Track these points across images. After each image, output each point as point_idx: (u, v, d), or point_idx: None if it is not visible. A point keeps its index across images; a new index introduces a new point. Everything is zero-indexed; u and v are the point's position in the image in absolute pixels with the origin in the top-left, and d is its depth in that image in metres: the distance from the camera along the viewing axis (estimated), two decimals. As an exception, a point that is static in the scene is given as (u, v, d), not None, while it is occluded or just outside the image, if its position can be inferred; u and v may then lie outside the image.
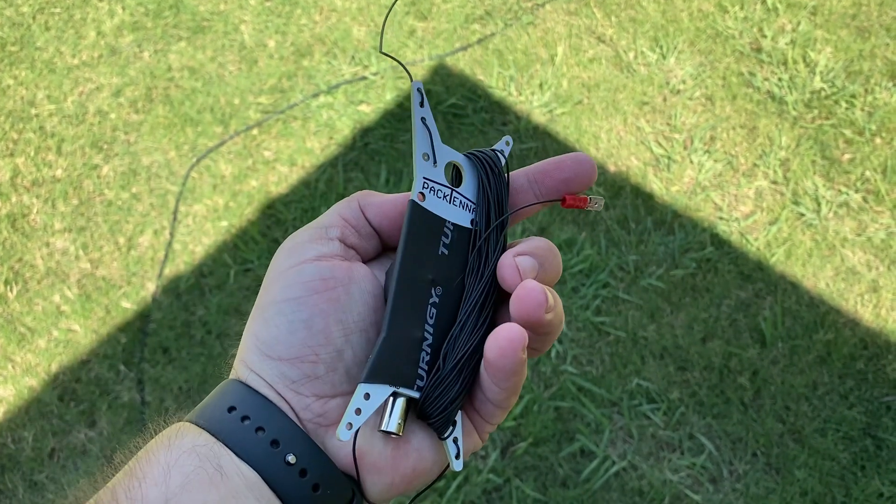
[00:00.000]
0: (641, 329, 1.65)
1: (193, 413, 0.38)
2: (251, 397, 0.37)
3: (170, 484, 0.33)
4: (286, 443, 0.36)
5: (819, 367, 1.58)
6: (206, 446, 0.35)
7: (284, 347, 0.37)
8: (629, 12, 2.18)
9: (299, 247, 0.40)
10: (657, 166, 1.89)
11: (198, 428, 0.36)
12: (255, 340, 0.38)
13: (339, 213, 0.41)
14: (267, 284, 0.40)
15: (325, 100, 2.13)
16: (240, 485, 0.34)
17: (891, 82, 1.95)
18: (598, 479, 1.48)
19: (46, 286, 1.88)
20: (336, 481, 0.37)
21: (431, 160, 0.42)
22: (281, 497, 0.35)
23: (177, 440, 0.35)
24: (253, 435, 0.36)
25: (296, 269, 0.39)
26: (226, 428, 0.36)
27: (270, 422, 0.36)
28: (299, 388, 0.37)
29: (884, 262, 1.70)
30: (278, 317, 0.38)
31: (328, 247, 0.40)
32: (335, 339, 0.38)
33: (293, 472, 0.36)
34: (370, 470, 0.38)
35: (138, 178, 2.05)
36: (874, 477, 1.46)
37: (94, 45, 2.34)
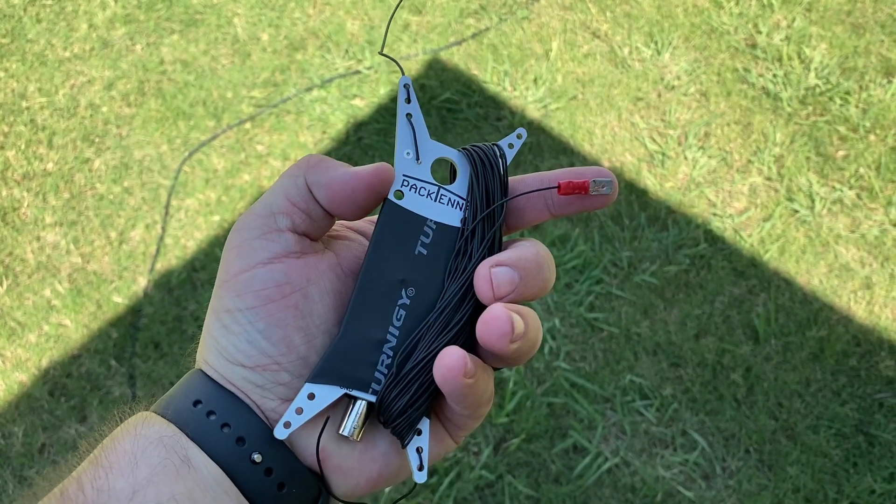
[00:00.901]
0: (635, 325, 1.65)
1: (159, 403, 0.37)
2: (216, 392, 0.36)
3: (137, 475, 0.33)
4: (252, 441, 0.35)
5: (812, 364, 1.58)
6: (173, 438, 0.34)
7: (244, 356, 0.36)
8: (624, 7, 2.18)
9: (248, 246, 0.37)
10: (651, 162, 1.89)
11: (163, 419, 0.36)
12: (216, 345, 0.37)
13: (287, 196, 0.38)
14: (219, 286, 0.37)
15: (319, 94, 2.12)
16: (207, 478, 0.34)
17: (885, 79, 1.95)
18: (590, 476, 1.48)
19: (37, 280, 1.87)
20: (302, 480, 0.37)
21: (413, 157, 0.41)
22: (246, 495, 0.35)
23: (143, 430, 0.35)
24: (218, 431, 0.35)
25: (247, 274, 0.36)
26: (191, 422, 0.35)
27: (236, 419, 0.36)
28: (264, 392, 0.37)
29: (877, 259, 1.70)
30: (235, 325, 0.36)
31: (280, 243, 0.37)
32: (297, 346, 0.37)
33: (258, 470, 0.35)
34: (335, 471, 0.38)
35: (130, 172, 2.03)
36: (866, 474, 1.47)
37: (86, 38, 2.32)
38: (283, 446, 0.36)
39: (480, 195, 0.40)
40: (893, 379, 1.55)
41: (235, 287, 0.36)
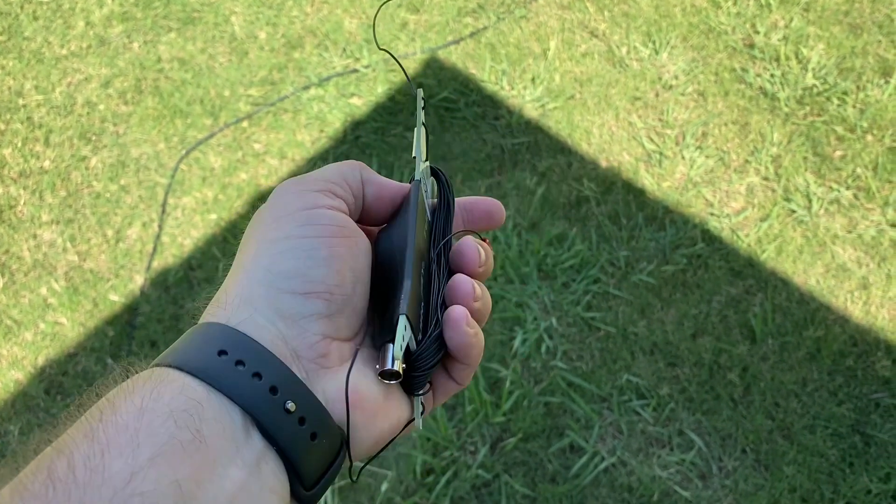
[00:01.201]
0: (632, 325, 1.65)
1: (172, 357, 0.35)
2: (244, 341, 0.35)
3: (138, 455, 0.30)
4: (284, 389, 0.34)
5: (809, 364, 1.59)
6: (185, 412, 0.32)
7: (301, 281, 0.37)
8: (622, 7, 2.18)
9: (309, 194, 0.40)
10: (649, 162, 1.89)
11: (181, 374, 0.33)
12: (267, 273, 0.37)
13: (344, 177, 0.42)
14: (275, 219, 0.39)
15: (316, 92, 2.12)
16: (219, 449, 0.32)
17: (882, 79, 1.95)
18: (587, 475, 1.48)
19: (33, 278, 1.86)
20: (331, 431, 0.36)
21: (423, 158, 0.47)
22: (280, 447, 0.34)
23: (153, 398, 0.32)
24: (250, 381, 0.34)
25: (311, 211, 0.39)
26: (220, 374, 0.34)
27: (267, 367, 0.35)
28: (308, 324, 0.37)
29: (874, 259, 1.70)
30: (296, 251, 0.37)
31: (338, 202, 0.40)
32: (347, 283, 0.38)
33: (293, 419, 0.34)
34: (367, 415, 0.38)
35: (127, 170, 2.03)
36: (862, 474, 1.47)
37: (83, 36, 2.32)
38: (313, 395, 0.36)
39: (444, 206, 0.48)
40: (890, 379, 1.56)
41: (298, 218, 0.38)
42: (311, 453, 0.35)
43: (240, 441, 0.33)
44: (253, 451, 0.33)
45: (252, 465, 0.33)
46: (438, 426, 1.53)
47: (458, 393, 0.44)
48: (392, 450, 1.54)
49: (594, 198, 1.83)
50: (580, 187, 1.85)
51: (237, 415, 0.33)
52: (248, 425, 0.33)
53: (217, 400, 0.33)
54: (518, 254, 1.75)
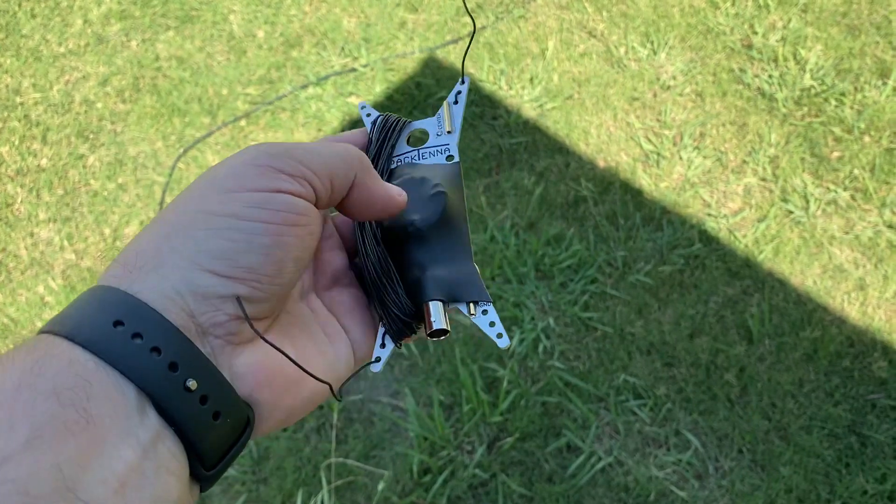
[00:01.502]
0: (629, 325, 1.65)
1: (62, 324, 0.31)
2: (143, 311, 0.32)
3: (12, 437, 0.27)
4: (185, 366, 0.32)
5: (805, 365, 1.59)
6: (71, 390, 0.29)
7: (228, 265, 0.33)
8: (620, 7, 2.18)
9: (276, 175, 0.35)
10: (647, 162, 1.89)
11: (70, 345, 0.30)
12: (192, 246, 0.33)
13: (330, 173, 0.38)
14: (221, 191, 0.35)
15: (315, 91, 2.12)
16: (109, 429, 0.29)
17: (880, 80, 1.95)
18: (584, 475, 1.48)
19: (30, 277, 1.86)
20: (236, 408, 0.34)
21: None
22: (180, 427, 0.32)
23: (34, 372, 0.29)
24: (147, 356, 0.31)
25: (269, 195, 0.35)
26: (113, 347, 0.31)
27: (166, 341, 0.32)
28: (222, 303, 0.34)
29: (871, 261, 1.70)
30: (234, 232, 0.34)
31: (304, 190, 0.36)
32: (286, 273, 0.36)
33: (194, 398, 0.32)
34: (277, 391, 0.36)
35: (125, 169, 2.03)
36: (859, 474, 1.47)
37: (81, 34, 2.31)
38: (217, 372, 0.33)
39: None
40: (886, 380, 1.56)
41: (251, 198, 0.34)
42: (212, 433, 0.33)
43: (133, 420, 0.30)
44: (148, 430, 0.30)
45: (147, 446, 0.30)
46: (435, 425, 1.54)
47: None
48: (389, 449, 1.54)
49: (592, 198, 1.84)
50: (578, 187, 1.86)
51: (131, 392, 0.30)
52: (143, 402, 0.31)
53: (109, 375, 0.30)
54: (516, 253, 1.75)
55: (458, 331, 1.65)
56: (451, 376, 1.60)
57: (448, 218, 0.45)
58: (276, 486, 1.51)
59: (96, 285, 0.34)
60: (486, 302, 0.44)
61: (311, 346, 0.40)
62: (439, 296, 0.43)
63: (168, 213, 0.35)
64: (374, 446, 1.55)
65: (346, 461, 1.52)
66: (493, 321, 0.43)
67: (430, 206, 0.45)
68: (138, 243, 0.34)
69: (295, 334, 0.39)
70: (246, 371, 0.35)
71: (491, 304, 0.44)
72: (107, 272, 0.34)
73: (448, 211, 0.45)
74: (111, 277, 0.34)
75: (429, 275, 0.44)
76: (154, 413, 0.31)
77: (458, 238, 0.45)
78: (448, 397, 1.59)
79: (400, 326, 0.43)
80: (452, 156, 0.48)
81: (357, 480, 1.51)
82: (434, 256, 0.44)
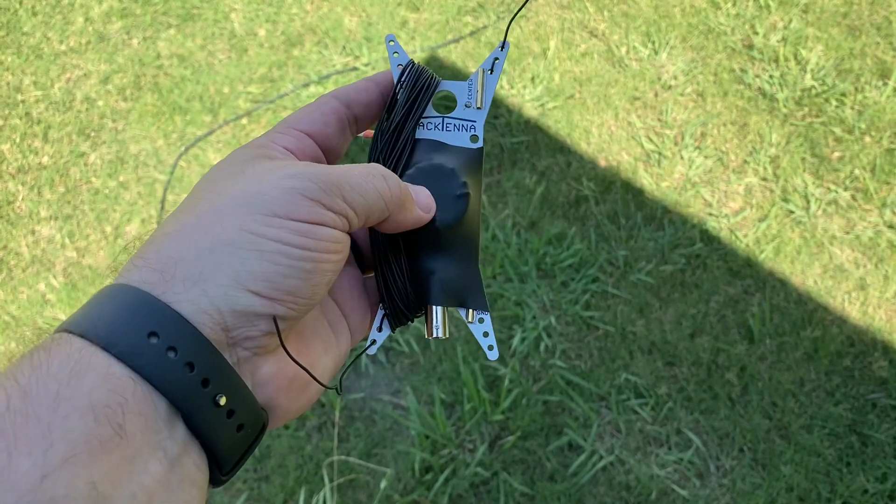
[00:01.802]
0: (630, 324, 1.66)
1: (94, 329, 0.31)
2: (177, 323, 0.32)
3: (50, 455, 0.27)
4: (217, 382, 0.33)
5: (806, 364, 1.59)
6: (108, 407, 0.29)
7: (271, 287, 0.34)
8: (622, 7, 2.18)
9: (321, 207, 0.36)
10: (648, 161, 1.89)
11: (105, 356, 0.30)
12: (235, 263, 0.34)
13: (368, 210, 0.39)
14: (267, 213, 0.35)
15: (316, 90, 2.12)
16: (140, 444, 0.29)
17: (881, 81, 1.96)
18: (585, 473, 1.49)
19: (31, 274, 1.86)
20: (257, 418, 0.35)
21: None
22: (207, 440, 0.32)
23: (70, 385, 0.29)
24: (181, 370, 0.31)
25: (314, 227, 0.36)
26: (149, 361, 0.31)
27: (200, 356, 0.32)
28: (256, 321, 0.34)
29: (871, 261, 1.71)
30: (280, 256, 0.34)
31: (343, 223, 0.38)
32: (319, 295, 0.37)
33: (222, 413, 0.33)
34: (292, 396, 0.38)
35: (126, 167, 2.03)
36: (859, 473, 1.47)
37: (82, 32, 2.31)
38: (244, 386, 0.34)
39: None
40: (887, 379, 1.56)
41: (296, 228, 0.35)
42: (235, 444, 0.34)
43: (163, 434, 0.31)
44: (176, 444, 0.31)
45: (174, 459, 0.31)
46: (437, 424, 1.54)
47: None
48: (390, 447, 1.54)
49: (593, 197, 1.84)
50: (579, 186, 1.86)
51: (163, 406, 0.31)
52: (172, 416, 0.31)
53: (143, 390, 0.30)
54: (517, 252, 1.75)
55: (460, 329, 1.66)
56: (453, 374, 1.60)
57: (466, 220, 0.45)
58: (277, 484, 1.51)
59: (126, 286, 0.33)
60: (483, 311, 0.45)
61: (319, 344, 0.42)
62: (444, 301, 0.44)
63: (206, 222, 0.35)
64: (376, 444, 1.55)
65: (347, 459, 1.52)
66: (486, 332, 0.45)
67: (453, 208, 0.45)
68: (175, 249, 0.34)
69: (307, 335, 0.41)
70: (268, 380, 0.37)
71: (488, 315, 0.45)
72: (136, 273, 0.34)
73: (468, 213, 0.45)
74: (144, 282, 0.33)
75: (437, 277, 0.44)
76: (183, 427, 0.32)
77: (470, 241, 0.46)
78: (449, 395, 1.59)
79: (399, 313, 0.44)
80: (477, 136, 0.47)
81: (359, 478, 1.51)
82: (445, 258, 0.45)
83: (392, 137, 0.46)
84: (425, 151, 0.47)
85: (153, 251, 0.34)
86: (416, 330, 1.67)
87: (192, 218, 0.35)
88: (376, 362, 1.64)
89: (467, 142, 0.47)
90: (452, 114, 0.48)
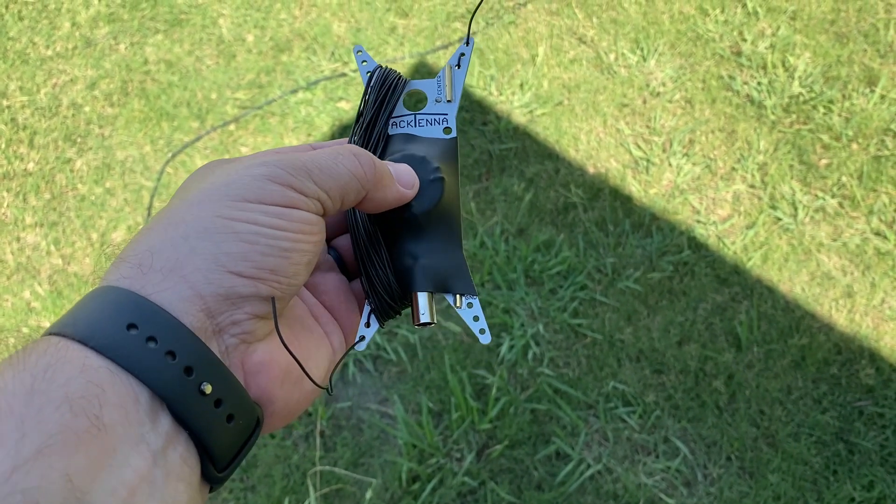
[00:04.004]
0: (618, 332, 1.65)
1: (74, 326, 0.31)
2: (157, 314, 0.32)
3: (22, 446, 0.26)
4: (200, 369, 0.32)
5: (793, 372, 1.59)
6: (84, 398, 0.28)
7: (251, 266, 0.34)
8: (610, 13, 2.18)
9: (294, 195, 0.37)
10: (636, 168, 1.89)
11: (82, 349, 0.30)
12: (213, 247, 0.33)
13: (343, 192, 0.38)
14: (238, 199, 0.35)
15: (304, 96, 2.11)
16: (120, 437, 0.29)
17: (868, 88, 1.96)
18: (573, 482, 1.48)
19: (16, 282, 1.85)
20: (249, 409, 0.34)
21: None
22: (194, 431, 0.32)
23: (46, 378, 0.28)
24: (162, 359, 0.31)
25: (285, 209, 0.36)
26: (128, 352, 0.30)
27: (181, 345, 0.32)
28: (243, 303, 0.34)
29: (858, 268, 1.71)
30: (256, 236, 0.34)
31: (317, 206, 0.38)
32: (301, 275, 0.37)
33: (208, 402, 0.32)
34: (288, 387, 0.37)
35: (112, 173, 2.01)
36: (846, 481, 1.47)
37: (69, 37, 2.30)
38: (230, 375, 0.33)
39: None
40: (873, 387, 1.57)
41: (267, 211, 0.35)
42: (226, 435, 0.33)
43: (145, 426, 0.30)
44: (160, 436, 0.30)
45: (157, 452, 0.30)
46: (424, 433, 1.53)
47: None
48: (377, 457, 1.53)
49: (581, 204, 1.84)
50: (567, 193, 1.86)
51: (144, 397, 0.30)
52: (155, 407, 0.31)
53: (122, 380, 0.30)
54: (505, 260, 1.75)
55: (448, 337, 1.65)
56: (441, 383, 1.60)
57: (444, 205, 0.45)
58: (263, 494, 1.50)
59: (106, 286, 0.33)
60: (471, 295, 0.44)
61: (310, 341, 0.41)
62: (428, 287, 0.44)
63: (178, 214, 0.35)
64: (363, 454, 1.54)
65: (333, 469, 1.52)
66: (476, 315, 0.44)
67: (428, 193, 0.45)
68: (150, 243, 0.34)
69: (297, 329, 0.40)
70: (260, 369, 0.36)
71: (476, 298, 0.45)
72: (116, 272, 0.34)
73: (444, 197, 0.45)
74: (123, 279, 0.33)
75: (419, 263, 0.44)
76: (167, 418, 0.31)
77: (450, 226, 0.45)
78: (437, 404, 1.58)
79: (385, 306, 0.44)
80: (450, 128, 0.48)
81: (345, 489, 1.50)
82: (426, 244, 0.45)
83: (364, 134, 0.47)
84: (398, 144, 0.48)
85: (130, 249, 0.34)
86: (404, 338, 1.67)
87: (164, 214, 0.36)
88: (364, 371, 1.64)
89: (440, 133, 0.48)
90: (424, 110, 0.48)
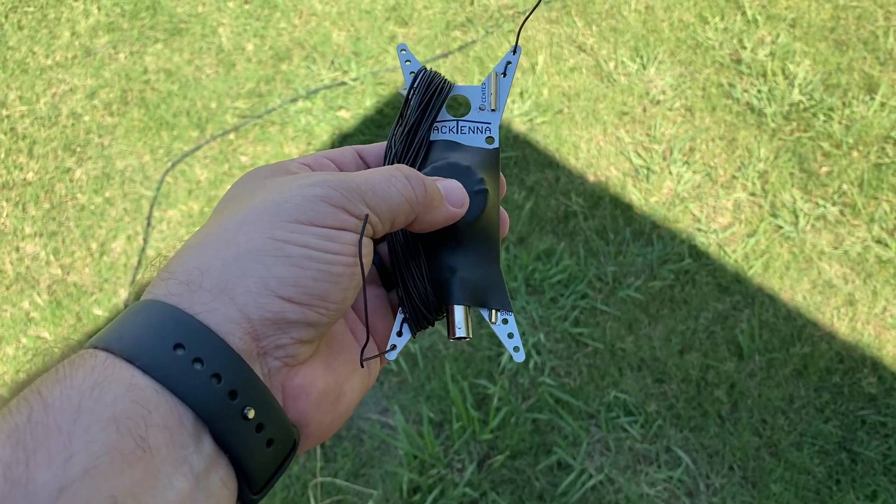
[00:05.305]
0: (619, 341, 1.65)
1: (119, 342, 0.31)
2: (204, 335, 0.31)
3: (69, 466, 0.26)
4: (245, 393, 0.32)
5: (796, 381, 1.59)
6: (131, 419, 0.28)
7: (301, 291, 0.34)
8: (610, 22, 2.18)
9: (343, 213, 0.36)
10: (636, 177, 1.89)
11: (129, 368, 0.30)
12: (263, 271, 0.33)
13: (392, 216, 0.38)
14: (290, 220, 0.35)
15: (304, 105, 2.11)
16: (165, 458, 0.29)
17: (868, 95, 1.96)
18: (575, 493, 1.47)
19: (15, 292, 1.84)
20: (287, 434, 0.34)
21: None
22: (235, 455, 0.32)
23: (93, 396, 0.28)
24: (207, 382, 0.31)
25: (337, 231, 0.35)
26: (174, 373, 0.30)
27: (227, 367, 0.31)
28: (287, 328, 0.34)
29: (860, 276, 1.70)
30: (307, 260, 0.34)
31: (368, 229, 0.37)
32: (349, 300, 0.36)
33: (250, 426, 0.32)
34: (324, 409, 0.37)
35: (112, 182, 2.01)
36: (849, 491, 1.47)
37: (69, 46, 2.30)
38: (272, 399, 0.33)
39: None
40: (876, 396, 1.56)
41: (320, 234, 0.35)
42: (264, 460, 0.33)
43: (189, 448, 0.30)
44: (202, 458, 0.30)
45: (200, 475, 0.30)
46: (425, 443, 1.52)
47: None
48: (378, 467, 1.53)
49: (582, 212, 1.83)
50: (568, 202, 1.85)
51: (188, 419, 0.30)
52: (199, 430, 0.31)
53: (167, 401, 0.30)
54: (506, 268, 1.74)
55: (448, 347, 1.64)
56: (441, 393, 1.59)
57: (485, 217, 0.45)
58: (264, 506, 1.50)
59: (152, 300, 0.33)
60: (507, 311, 0.44)
61: (348, 359, 0.41)
62: (465, 300, 0.43)
63: (229, 232, 0.35)
64: (363, 465, 1.53)
65: (334, 480, 1.51)
66: (511, 332, 0.43)
67: (472, 205, 0.44)
68: (199, 260, 0.34)
69: (336, 350, 0.40)
70: (299, 392, 0.36)
71: (512, 315, 0.44)
72: (163, 286, 0.33)
73: (486, 210, 0.45)
74: (171, 295, 0.33)
75: (458, 276, 0.43)
76: (210, 441, 0.31)
77: (490, 239, 0.45)
78: (438, 414, 1.58)
79: (420, 316, 0.43)
80: (493, 138, 0.47)
81: (346, 500, 1.49)
82: (465, 256, 0.44)
83: (407, 139, 0.46)
84: (441, 151, 0.47)
85: (178, 264, 0.34)
86: (404, 348, 1.66)
87: (215, 230, 0.35)
88: (364, 380, 1.63)
89: (483, 143, 0.47)
90: (467, 116, 0.48)
